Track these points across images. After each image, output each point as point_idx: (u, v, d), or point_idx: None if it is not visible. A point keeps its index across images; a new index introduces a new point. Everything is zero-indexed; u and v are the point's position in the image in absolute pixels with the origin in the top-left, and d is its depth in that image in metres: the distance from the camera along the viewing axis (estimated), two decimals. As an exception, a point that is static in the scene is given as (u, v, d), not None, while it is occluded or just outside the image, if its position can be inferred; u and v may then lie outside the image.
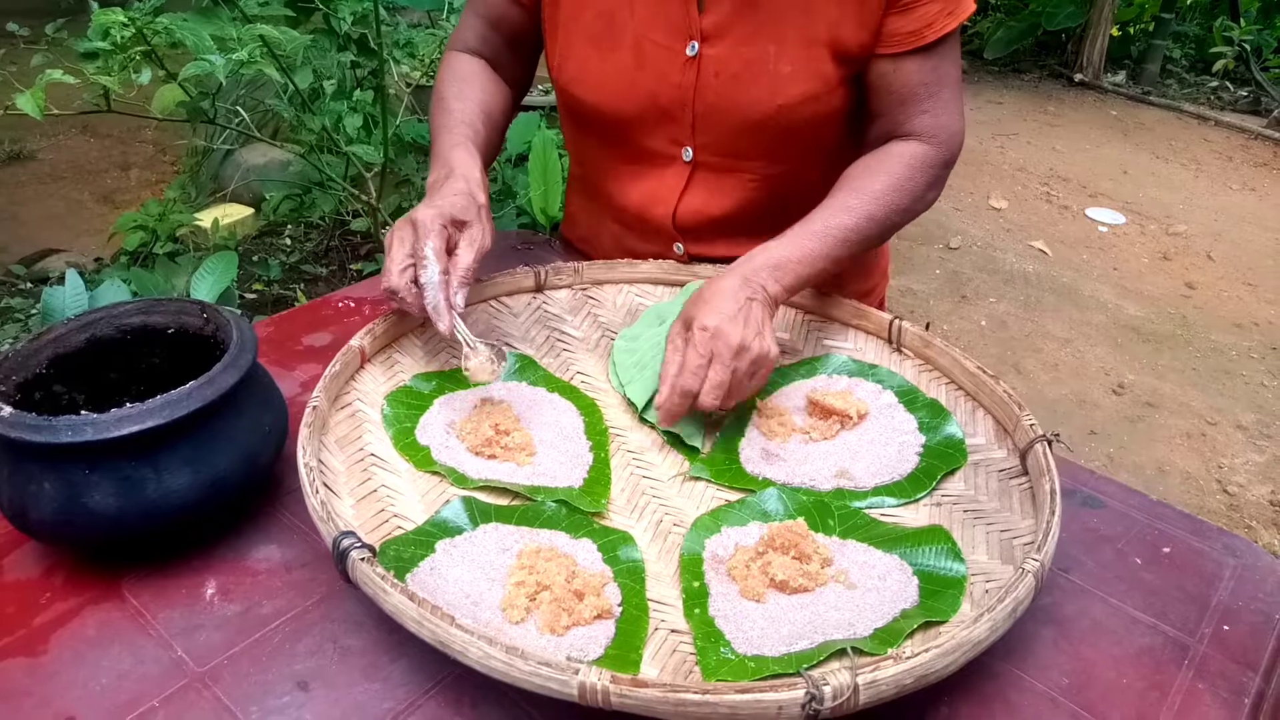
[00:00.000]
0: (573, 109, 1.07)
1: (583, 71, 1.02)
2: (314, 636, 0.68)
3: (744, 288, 0.87)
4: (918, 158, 0.98)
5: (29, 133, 3.87)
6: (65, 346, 0.77)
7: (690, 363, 0.82)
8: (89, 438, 0.65)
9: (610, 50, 1.00)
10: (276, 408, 0.79)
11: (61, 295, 1.19)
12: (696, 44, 0.97)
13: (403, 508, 0.75)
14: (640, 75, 0.99)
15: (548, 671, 0.55)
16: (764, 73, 0.96)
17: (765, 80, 0.96)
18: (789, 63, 0.95)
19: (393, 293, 0.83)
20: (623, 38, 0.99)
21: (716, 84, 0.97)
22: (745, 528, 0.76)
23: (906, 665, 0.56)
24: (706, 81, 0.98)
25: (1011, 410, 0.83)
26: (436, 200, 0.87)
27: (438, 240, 0.83)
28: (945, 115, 0.98)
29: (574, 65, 1.02)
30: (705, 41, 0.97)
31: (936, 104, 0.98)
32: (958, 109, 1.00)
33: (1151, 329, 3.16)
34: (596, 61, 1.01)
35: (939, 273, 3.45)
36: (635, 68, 0.99)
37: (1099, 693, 0.66)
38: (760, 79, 0.96)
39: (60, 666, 0.65)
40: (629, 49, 0.99)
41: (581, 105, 1.04)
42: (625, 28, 0.99)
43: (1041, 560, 0.64)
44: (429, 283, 0.83)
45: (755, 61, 0.96)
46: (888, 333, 0.97)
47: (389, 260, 0.84)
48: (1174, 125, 5.12)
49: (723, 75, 0.97)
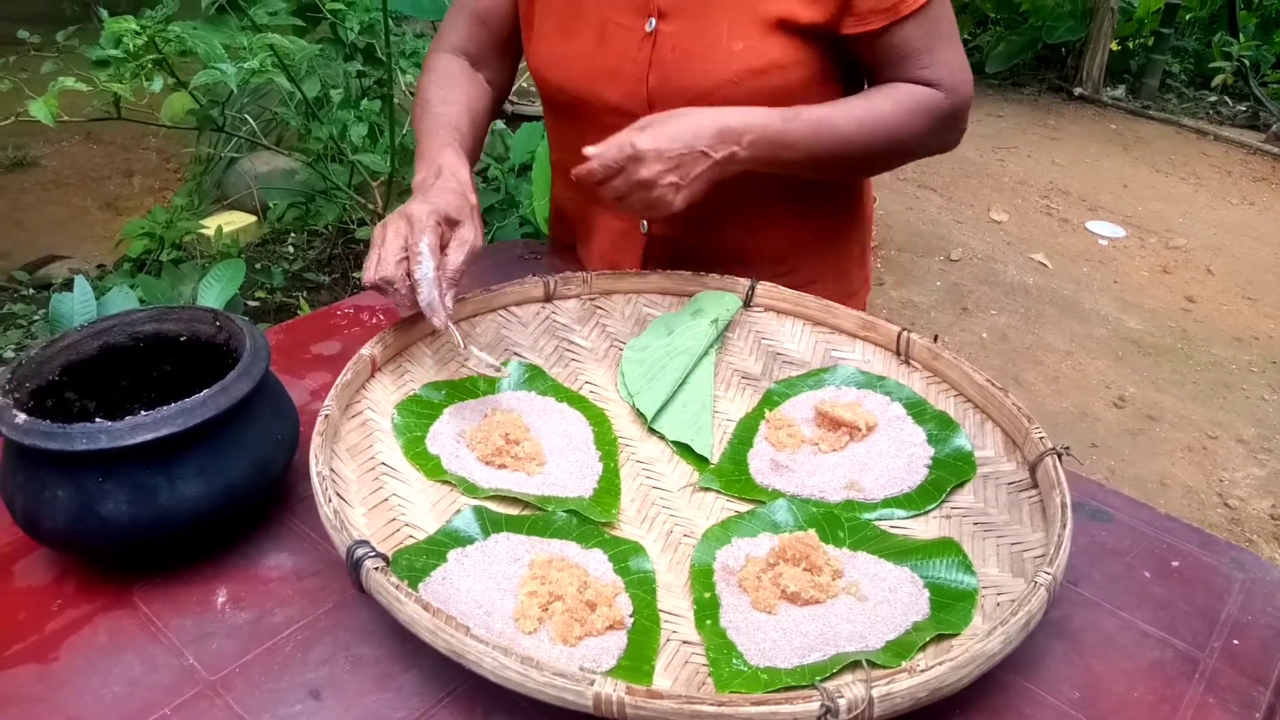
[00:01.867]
0: (545, 93, 1.10)
1: (550, 54, 1.06)
2: (326, 645, 0.68)
3: (716, 139, 0.91)
4: (923, 100, 0.99)
5: (33, 139, 3.87)
6: (78, 354, 0.78)
7: (606, 155, 0.89)
8: (103, 445, 0.65)
9: (575, 33, 1.03)
10: (288, 416, 0.79)
11: (70, 302, 1.19)
12: (654, 20, 0.99)
13: (414, 517, 0.75)
14: (602, 53, 1.02)
15: (562, 682, 0.55)
16: (716, 48, 0.98)
17: (718, 56, 0.98)
18: (741, 39, 0.97)
19: (387, 283, 0.83)
20: (588, 19, 1.02)
21: (672, 59, 0.99)
22: (756, 539, 0.76)
23: (921, 679, 0.56)
24: (662, 56, 0.99)
25: (1020, 423, 0.83)
26: (430, 197, 0.87)
27: (433, 236, 0.84)
28: (945, 66, 0.99)
29: (544, 49, 1.06)
30: (663, 18, 0.99)
31: (934, 59, 0.98)
32: (958, 57, 1.00)
33: (1152, 342, 3.17)
34: (562, 44, 1.04)
35: (939, 285, 3.46)
36: (597, 47, 1.02)
37: (1110, 706, 0.67)
38: (712, 54, 0.98)
39: (71, 674, 0.65)
40: (593, 30, 1.02)
41: (549, 87, 1.08)
42: (590, 11, 1.02)
43: (1053, 574, 0.65)
44: (423, 279, 0.83)
45: (707, 37, 0.98)
46: (896, 344, 0.97)
47: (381, 251, 0.84)
48: (1173, 139, 5.15)
49: (678, 50, 0.99)
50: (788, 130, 0.95)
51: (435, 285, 0.83)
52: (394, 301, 0.85)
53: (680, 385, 0.92)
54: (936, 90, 0.99)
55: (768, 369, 0.98)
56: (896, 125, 0.99)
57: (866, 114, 0.98)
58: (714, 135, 0.91)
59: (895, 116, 0.99)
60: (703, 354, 0.96)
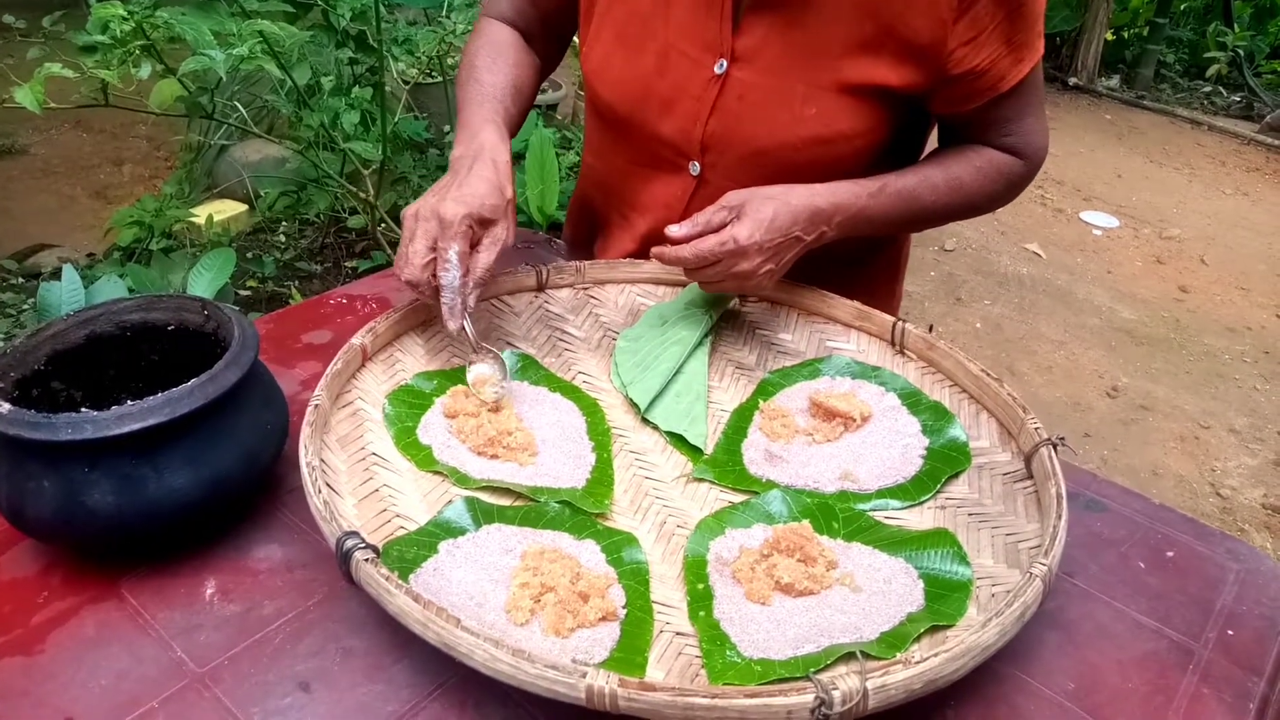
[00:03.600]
0: (592, 99, 1.07)
1: (605, 66, 1.01)
2: (315, 637, 0.68)
3: (809, 224, 0.90)
4: (1003, 168, 0.98)
5: (20, 127, 3.84)
6: (64, 343, 0.76)
7: (704, 248, 0.87)
8: (89, 435, 0.64)
9: (636, 52, 0.99)
10: (278, 406, 0.78)
11: (58, 291, 1.18)
12: (725, 63, 0.95)
13: (405, 508, 0.74)
14: (660, 83, 0.98)
15: (554, 675, 0.54)
16: (786, 109, 0.93)
17: (786, 117, 0.94)
18: (815, 104, 0.93)
19: (412, 285, 0.84)
20: (651, 42, 0.98)
21: (737, 109, 0.95)
22: (749, 530, 0.75)
23: (916, 670, 0.55)
24: (727, 103, 0.96)
25: (1015, 413, 0.83)
26: (465, 191, 0.85)
27: (463, 244, 0.83)
28: (1029, 135, 0.97)
29: (598, 57, 1.02)
30: (735, 63, 0.94)
31: (1020, 127, 0.97)
32: (1041, 126, 0.98)
33: (1145, 332, 3.17)
34: (620, 59, 1.00)
35: (934, 275, 3.46)
36: (657, 74, 0.98)
37: (1104, 697, 0.66)
38: (781, 114, 0.94)
39: (58, 667, 0.64)
40: (655, 54, 0.98)
41: (598, 99, 1.04)
42: (656, 33, 0.97)
43: (1049, 565, 0.64)
44: (448, 286, 0.83)
45: (779, 94, 0.93)
46: (890, 335, 0.97)
47: (408, 249, 0.84)
48: (1168, 129, 5.15)
49: (745, 102, 0.95)
50: (873, 206, 0.94)
51: (459, 293, 0.83)
52: (420, 298, 0.86)
53: (674, 375, 0.91)
54: (1017, 159, 0.98)
55: (762, 359, 0.97)
56: (974, 193, 0.98)
57: (946, 184, 0.97)
58: (808, 220, 0.90)
59: (973, 184, 0.98)
60: (697, 344, 0.96)
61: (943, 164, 0.98)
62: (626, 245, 1.12)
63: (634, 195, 1.09)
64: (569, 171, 2.89)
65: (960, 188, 0.97)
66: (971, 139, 0.99)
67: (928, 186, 0.96)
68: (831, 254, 0.98)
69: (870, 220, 0.94)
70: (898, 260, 1.20)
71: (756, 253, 0.87)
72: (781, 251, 0.90)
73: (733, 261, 0.88)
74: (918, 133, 1.04)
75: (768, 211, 0.88)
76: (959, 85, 0.91)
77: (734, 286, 0.92)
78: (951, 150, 1.00)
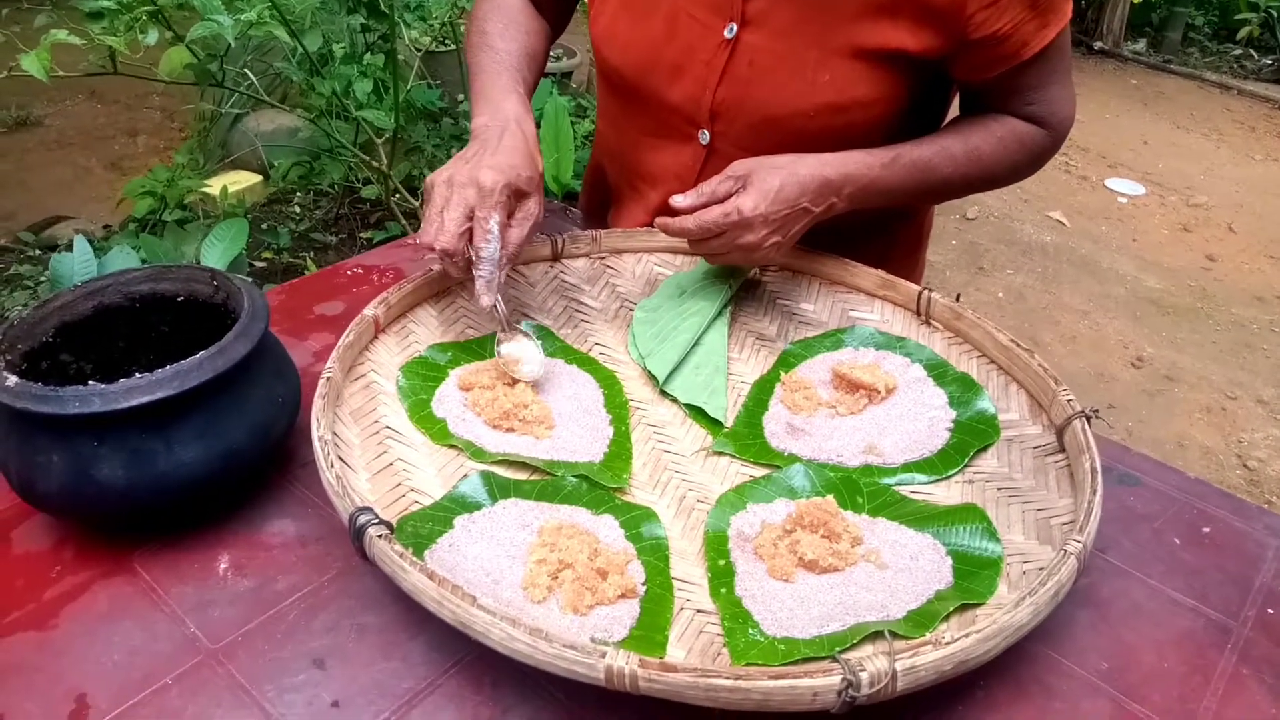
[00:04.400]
0: (601, 65, 1.04)
1: (613, 31, 0.98)
2: (330, 613, 0.67)
3: (818, 196, 0.87)
4: (1025, 139, 0.94)
5: (35, 98, 3.83)
6: (72, 314, 0.75)
7: (708, 219, 0.84)
8: (97, 409, 0.63)
9: (644, 15, 0.95)
10: (289, 378, 0.77)
11: (70, 262, 1.17)
12: (735, 26, 0.91)
13: (419, 482, 0.73)
14: (668, 48, 0.95)
15: (573, 655, 0.53)
16: (799, 75, 0.90)
17: (798, 84, 0.90)
18: (829, 70, 0.89)
19: (446, 254, 0.80)
20: (659, 5, 0.94)
21: (748, 75, 0.92)
22: (771, 505, 0.73)
23: (946, 651, 0.53)
24: (737, 69, 0.92)
25: (1047, 385, 0.80)
26: (501, 160, 0.82)
27: (503, 214, 0.80)
28: (1054, 104, 0.93)
29: (606, 21, 0.99)
30: (745, 26, 0.91)
31: (1044, 95, 0.92)
32: (1068, 94, 0.94)
33: (1171, 302, 3.11)
34: (627, 23, 0.97)
35: (955, 244, 3.41)
36: (665, 39, 0.95)
37: (1139, 677, 0.64)
38: (793, 81, 0.90)
39: (70, 642, 0.64)
40: (663, 18, 0.94)
41: (606, 64, 1.01)
42: None
43: (1084, 542, 0.62)
44: (488, 259, 0.80)
45: (792, 59, 0.90)
46: (916, 304, 0.94)
47: (443, 216, 0.79)
48: (1195, 94, 5.03)
49: (756, 67, 0.91)
50: (886, 177, 0.90)
51: (498, 266, 0.80)
52: (443, 265, 0.82)
53: (693, 347, 0.89)
54: (1040, 128, 0.94)
55: (783, 330, 0.95)
56: (994, 165, 0.94)
57: (965, 154, 0.93)
58: (816, 191, 0.86)
59: (993, 155, 0.94)
60: (716, 314, 0.93)
61: (962, 134, 0.94)
62: (639, 217, 1.10)
63: (644, 165, 1.06)
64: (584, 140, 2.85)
65: (979, 159, 0.93)
66: (993, 107, 0.95)
67: (945, 157, 0.92)
68: (853, 222, 0.95)
69: (882, 192, 0.91)
70: (921, 228, 1.17)
71: (762, 224, 0.85)
72: (788, 224, 0.87)
73: (737, 233, 0.85)
74: (938, 100, 1.00)
75: (774, 182, 0.85)
76: (980, 51, 0.87)
77: (739, 259, 0.89)
78: (972, 119, 0.96)
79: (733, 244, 0.86)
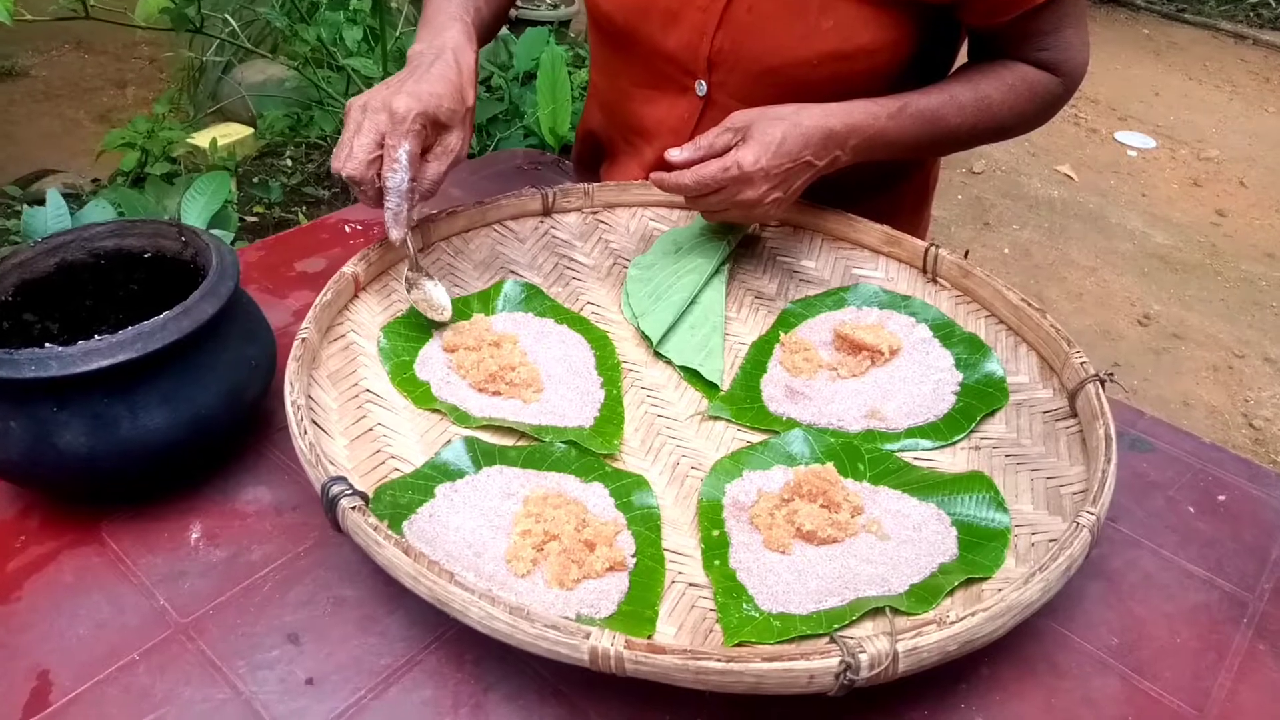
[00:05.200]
0: (591, 11, 0.98)
1: None
2: (306, 585, 0.64)
3: (822, 148, 0.82)
4: (1037, 86, 0.89)
5: (20, 48, 3.74)
6: (32, 272, 0.71)
7: (706, 173, 0.80)
8: (54, 373, 0.59)
9: None
10: (263, 339, 0.73)
11: (43, 216, 1.12)
12: None
13: (400, 448, 0.69)
14: None
15: (555, 635, 0.50)
16: (801, 21, 0.85)
17: (800, 30, 0.85)
18: (832, 16, 0.84)
19: (352, 181, 0.75)
20: None
21: (747, 21, 0.87)
22: (769, 472, 0.70)
23: (951, 631, 0.50)
24: (736, 15, 0.87)
25: (1059, 346, 0.76)
26: (422, 87, 0.76)
27: (414, 144, 0.74)
28: (1067, 50, 0.88)
29: None
30: None
31: (1057, 41, 0.88)
32: (1082, 39, 0.89)
33: (1180, 258, 3.06)
34: None
35: (961, 199, 3.34)
36: None
37: (1151, 653, 0.62)
38: (795, 28, 0.85)
39: (35, 616, 0.61)
40: None
41: (597, 10, 0.95)
42: None
43: (1097, 514, 0.59)
44: (395, 189, 0.74)
45: (794, 5, 0.85)
46: (922, 261, 0.90)
47: (353, 141, 0.75)
48: (1209, 45, 4.91)
49: (756, 13, 0.86)
50: (892, 128, 0.85)
51: (406, 198, 0.75)
52: (360, 197, 0.77)
53: (689, 306, 0.85)
54: (1053, 75, 0.89)
55: (783, 288, 0.91)
56: (1004, 113, 0.89)
57: (974, 103, 0.88)
58: (820, 144, 0.82)
59: (1004, 104, 0.89)
60: (713, 272, 0.89)
61: (971, 81, 0.89)
62: (633, 172, 1.05)
63: (638, 118, 1.01)
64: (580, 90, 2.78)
65: (989, 108, 0.89)
66: (1004, 53, 0.90)
67: (954, 106, 0.88)
68: (856, 176, 0.91)
69: (889, 143, 0.86)
70: (927, 182, 1.12)
71: (763, 179, 0.80)
72: (790, 178, 0.82)
73: (736, 189, 0.80)
74: (946, 47, 0.95)
75: (776, 134, 0.80)
76: None
77: (738, 216, 0.85)
78: (982, 66, 0.91)
79: (731, 200, 0.81)
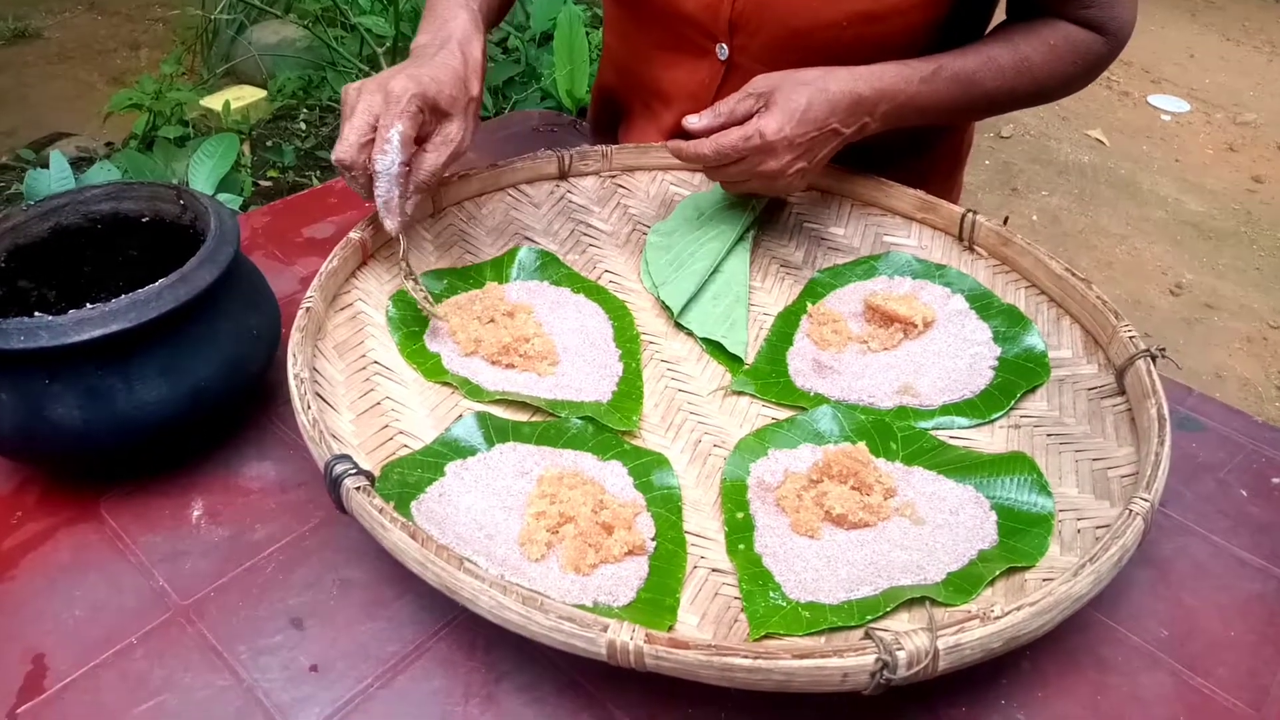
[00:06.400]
0: None
1: None
2: (311, 566, 0.61)
3: (849, 115, 0.78)
4: (1080, 47, 0.83)
5: (33, 9, 3.70)
6: (25, 237, 0.68)
7: (726, 142, 0.76)
8: (44, 343, 0.56)
9: None
10: (266, 308, 0.70)
11: (46, 179, 1.10)
12: None
13: (409, 424, 0.66)
14: None
15: (571, 628, 0.47)
16: None
17: None
18: None
19: (341, 166, 0.70)
20: None
21: None
22: (796, 450, 0.67)
23: (996, 627, 0.47)
24: None
25: (1106, 319, 0.72)
26: (423, 70, 0.71)
27: (407, 125, 0.69)
28: (1113, 6, 0.83)
29: None
30: None
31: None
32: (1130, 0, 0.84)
33: (1213, 225, 2.97)
34: None
35: (989, 163, 3.26)
36: None
37: (1202, 646, 0.58)
38: None
39: (30, 596, 0.59)
40: None
41: None
42: None
43: (1150, 500, 0.55)
44: (384, 172, 0.69)
45: None
46: (959, 228, 0.85)
47: (346, 125, 0.70)
48: (1247, 4, 4.75)
49: None
50: (925, 93, 0.80)
51: (396, 183, 0.69)
52: (352, 188, 0.72)
53: (711, 275, 0.81)
54: (1098, 34, 0.83)
55: (810, 256, 0.87)
56: (1046, 77, 0.84)
57: (1014, 65, 0.82)
58: (848, 110, 0.77)
59: (1045, 67, 0.83)
60: (737, 239, 0.85)
61: (1011, 42, 0.84)
62: (651, 138, 1.00)
63: (656, 83, 0.96)
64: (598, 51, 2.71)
65: (1030, 70, 0.83)
66: (1046, 10, 0.84)
67: (992, 69, 0.82)
68: (885, 141, 0.86)
69: (921, 109, 0.81)
70: (960, 147, 1.07)
71: (786, 149, 0.76)
72: (815, 147, 0.78)
73: (759, 159, 0.76)
74: (983, 4, 0.89)
75: (800, 100, 0.75)
76: None
77: (760, 187, 0.80)
78: (1021, 25, 0.85)
79: (753, 170, 0.77)
